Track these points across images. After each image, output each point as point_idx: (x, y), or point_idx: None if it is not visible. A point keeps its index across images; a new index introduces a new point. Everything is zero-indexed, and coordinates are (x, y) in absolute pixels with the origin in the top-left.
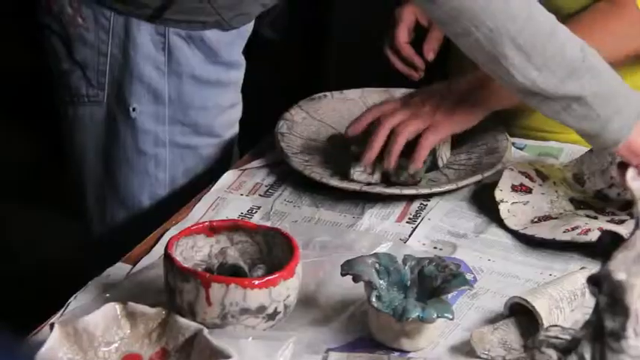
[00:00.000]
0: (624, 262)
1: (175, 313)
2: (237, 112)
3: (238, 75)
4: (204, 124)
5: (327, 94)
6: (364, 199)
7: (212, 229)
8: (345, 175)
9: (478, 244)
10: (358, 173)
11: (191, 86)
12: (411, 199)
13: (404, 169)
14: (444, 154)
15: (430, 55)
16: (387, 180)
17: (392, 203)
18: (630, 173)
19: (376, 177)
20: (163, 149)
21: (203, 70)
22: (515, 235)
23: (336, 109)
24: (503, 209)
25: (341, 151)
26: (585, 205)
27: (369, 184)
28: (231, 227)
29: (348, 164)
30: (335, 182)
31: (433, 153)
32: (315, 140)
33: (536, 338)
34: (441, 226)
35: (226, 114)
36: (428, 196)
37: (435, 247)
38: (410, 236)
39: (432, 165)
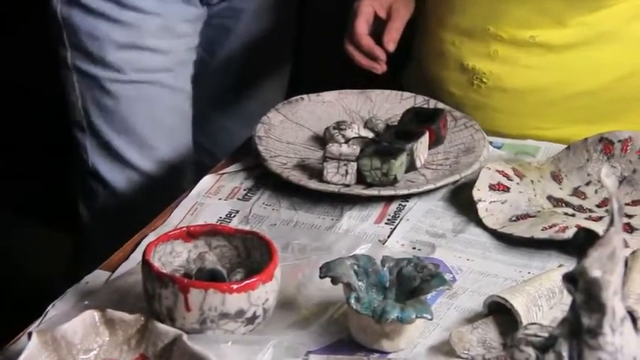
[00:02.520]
0: (599, 259)
1: (154, 319)
2: (155, 59)
3: (144, 20)
4: (98, 55)
5: (304, 96)
6: (342, 201)
7: (190, 235)
8: (322, 177)
9: (457, 243)
10: (332, 174)
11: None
12: (389, 200)
13: (378, 169)
14: (422, 155)
15: (390, 46)
16: (361, 181)
17: (370, 205)
18: (604, 170)
19: (349, 178)
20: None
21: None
22: (494, 234)
23: (314, 112)
24: (481, 208)
25: (319, 153)
26: (563, 203)
27: (346, 185)
28: (209, 232)
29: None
30: (313, 185)
31: (411, 154)
32: (292, 143)
33: (515, 336)
34: (419, 227)
35: (129, 53)
36: (406, 197)
37: (413, 248)
38: (389, 237)
39: (410, 165)
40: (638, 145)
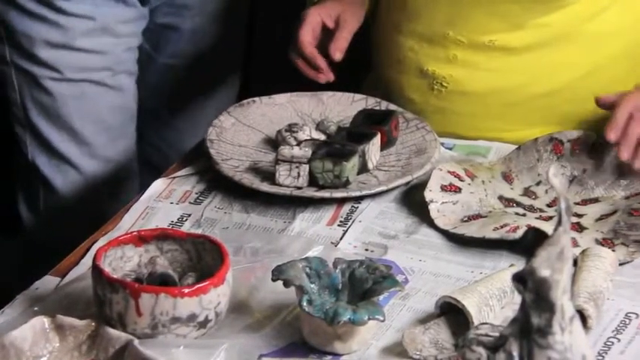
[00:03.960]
0: (548, 258)
1: (105, 324)
2: (92, 59)
3: (78, 22)
4: (33, 54)
5: (256, 99)
6: (295, 203)
7: (141, 239)
8: (274, 180)
9: (409, 244)
10: (284, 176)
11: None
12: (341, 202)
13: (330, 172)
14: (374, 157)
15: (337, 55)
16: (313, 183)
17: (323, 207)
18: (552, 170)
19: (301, 180)
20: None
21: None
22: (446, 234)
23: (266, 114)
24: (433, 209)
25: (271, 156)
26: (514, 203)
27: (298, 188)
28: (160, 236)
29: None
30: (265, 187)
31: (363, 155)
32: (244, 146)
33: (467, 337)
34: (372, 228)
35: (63, 53)
36: (359, 199)
37: (366, 249)
38: (341, 239)
39: (362, 167)
40: (588, 145)
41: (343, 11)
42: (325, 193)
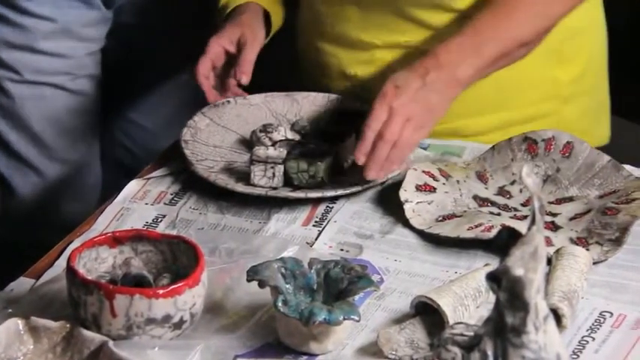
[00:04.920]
0: (522, 257)
1: (80, 325)
2: (52, 62)
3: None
4: None
5: (231, 99)
6: (270, 204)
7: (115, 240)
8: (249, 181)
9: (384, 244)
10: (259, 177)
11: None
12: (316, 202)
13: (305, 172)
14: (348, 156)
15: (243, 79)
16: (288, 183)
17: (298, 207)
18: (525, 169)
19: (276, 181)
20: None
21: None
22: (421, 234)
23: (241, 115)
24: (408, 209)
25: (246, 156)
26: (489, 203)
27: (273, 188)
28: (135, 237)
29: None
30: (240, 188)
31: (337, 155)
32: (219, 147)
33: (442, 336)
34: (347, 228)
35: (24, 55)
36: (334, 199)
37: (341, 250)
38: (316, 239)
39: (337, 167)
40: (561, 144)
41: (242, 34)
42: (300, 194)
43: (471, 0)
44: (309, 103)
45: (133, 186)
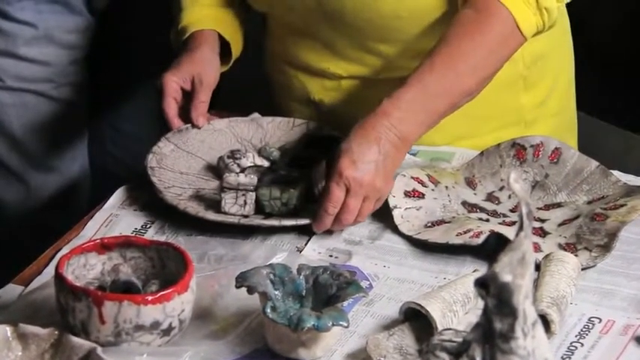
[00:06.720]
0: (510, 263)
1: (68, 332)
2: (34, 69)
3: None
4: None
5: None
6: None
7: (104, 247)
8: (219, 208)
9: (373, 250)
10: (230, 204)
11: None
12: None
13: (277, 199)
14: (319, 182)
15: (200, 121)
16: (260, 211)
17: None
18: (513, 175)
19: (248, 208)
20: None
21: None
22: (410, 240)
23: (205, 141)
24: (397, 215)
25: (213, 183)
26: (477, 208)
27: (245, 216)
28: (123, 243)
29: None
30: (211, 216)
31: (309, 182)
32: (186, 173)
33: (430, 342)
34: (336, 234)
35: (6, 61)
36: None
37: (330, 256)
38: (305, 245)
39: (308, 194)
40: (550, 150)
41: (197, 73)
42: (274, 222)
43: (434, 38)
44: (273, 128)
45: (121, 192)
